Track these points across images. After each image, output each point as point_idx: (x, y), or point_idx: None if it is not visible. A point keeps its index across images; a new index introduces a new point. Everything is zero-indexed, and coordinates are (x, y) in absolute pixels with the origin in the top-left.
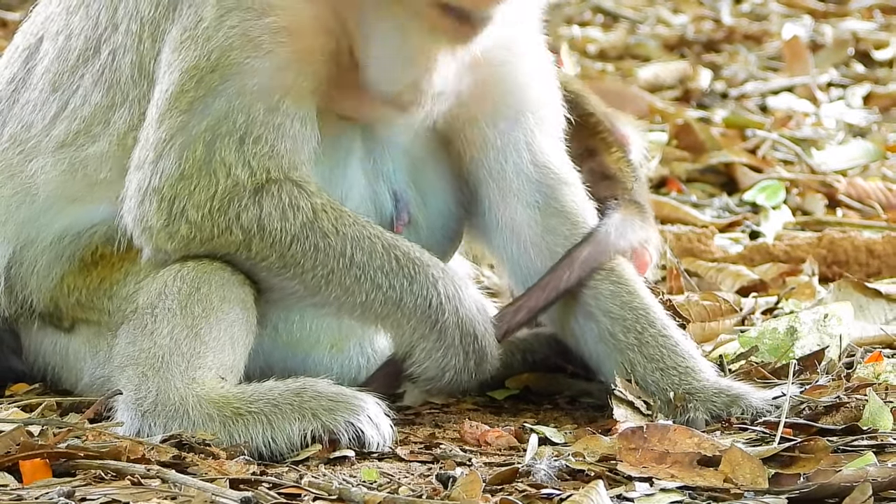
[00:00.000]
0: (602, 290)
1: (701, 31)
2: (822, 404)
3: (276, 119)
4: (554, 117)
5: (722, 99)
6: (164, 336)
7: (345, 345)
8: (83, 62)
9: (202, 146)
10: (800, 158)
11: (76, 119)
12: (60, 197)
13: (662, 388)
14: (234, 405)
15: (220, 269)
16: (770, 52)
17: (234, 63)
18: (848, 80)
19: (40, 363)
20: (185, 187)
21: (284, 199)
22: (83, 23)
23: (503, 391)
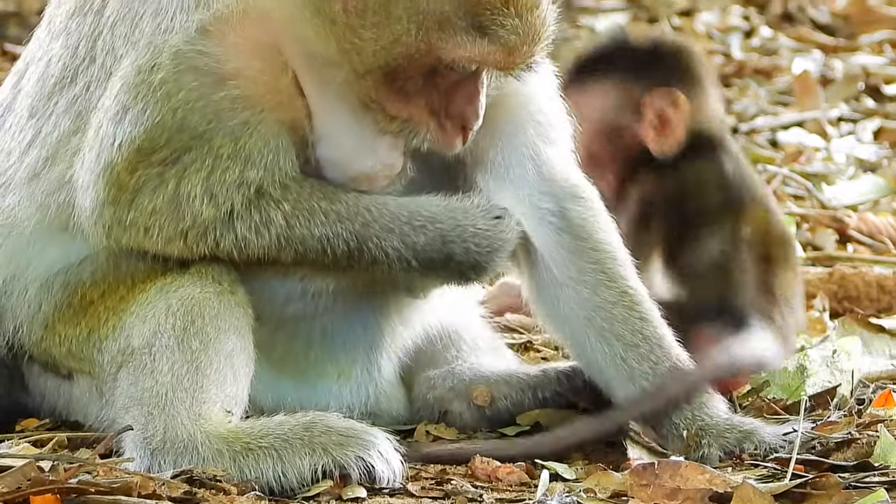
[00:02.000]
0: (615, 314)
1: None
2: (834, 440)
3: (244, 153)
4: (560, 128)
5: (732, 134)
6: (164, 374)
7: (352, 372)
8: (59, 89)
9: (173, 185)
10: (810, 193)
11: (45, 146)
12: (43, 231)
13: (675, 421)
14: (243, 440)
15: (211, 299)
16: (780, 87)
17: (198, 126)
18: (858, 115)
19: (47, 402)
20: (155, 221)
21: (255, 217)
22: (62, 50)
23: (514, 427)
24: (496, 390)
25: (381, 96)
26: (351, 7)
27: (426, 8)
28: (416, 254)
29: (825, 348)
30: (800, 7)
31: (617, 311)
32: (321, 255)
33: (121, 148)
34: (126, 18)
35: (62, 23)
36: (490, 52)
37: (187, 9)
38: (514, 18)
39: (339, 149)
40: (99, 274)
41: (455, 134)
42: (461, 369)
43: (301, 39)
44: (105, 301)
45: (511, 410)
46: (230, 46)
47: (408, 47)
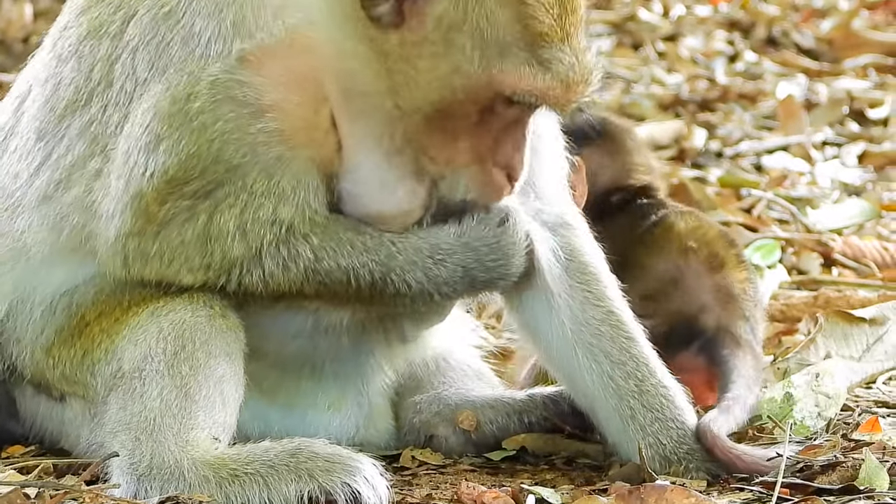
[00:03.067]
0: (603, 332)
1: (695, 90)
2: (819, 464)
3: (277, 190)
4: (557, 163)
5: (717, 158)
6: (153, 399)
7: (342, 404)
8: (71, 112)
9: (202, 221)
10: (795, 218)
11: (58, 168)
12: (53, 255)
13: (662, 441)
14: (230, 467)
15: (202, 323)
16: (765, 111)
17: (232, 159)
18: (843, 139)
19: (37, 426)
20: (181, 254)
21: (283, 253)
22: (74, 73)
23: (500, 452)
24: (482, 415)
25: (425, 136)
26: (408, 39)
27: (490, 37)
28: (438, 287)
29: (808, 372)
30: (784, 32)
31: (604, 328)
32: (345, 286)
33: (152, 178)
34: (150, 43)
35: (72, 46)
36: (550, 87)
37: (225, 36)
38: (571, 56)
39: (362, 186)
40: (97, 296)
41: (502, 182)
42: (447, 394)
43: (346, 73)
44: (100, 323)
45: (497, 435)
46: (271, 77)
47: (469, 78)
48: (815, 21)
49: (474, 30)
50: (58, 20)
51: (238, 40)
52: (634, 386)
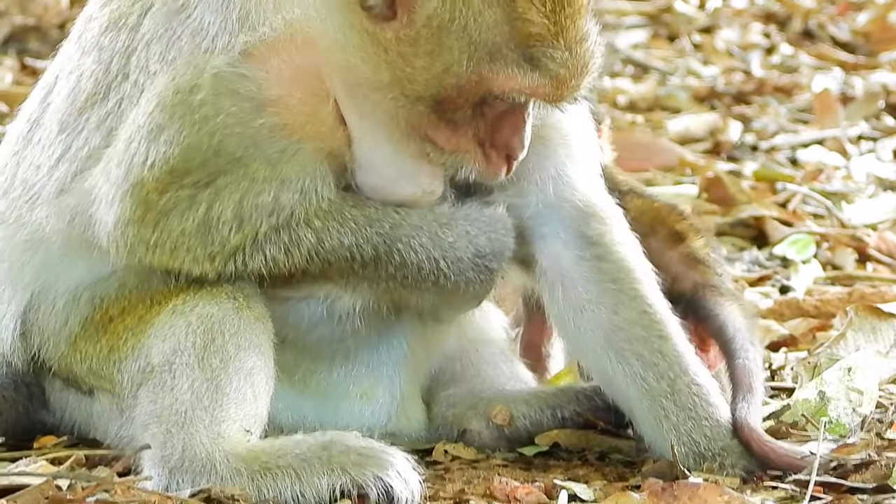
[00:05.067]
0: (634, 334)
1: (731, 82)
2: (852, 462)
3: (279, 176)
4: (587, 150)
5: (752, 151)
6: (184, 391)
7: (374, 392)
8: (90, 105)
9: (201, 209)
10: (830, 212)
11: (76, 161)
12: (72, 246)
13: (695, 438)
14: (262, 459)
15: (230, 316)
16: (800, 105)
17: (235, 151)
18: (878, 133)
19: (67, 418)
20: (183, 243)
21: (284, 238)
22: (95, 66)
23: (533, 447)
24: (515, 409)
25: (428, 125)
26: (403, 36)
27: (478, 39)
28: (444, 252)
29: (840, 367)
30: (820, 24)
31: (636, 330)
32: (349, 262)
33: (153, 168)
34: (163, 37)
35: (94, 38)
36: (539, 85)
37: (230, 30)
38: (563, 51)
39: (379, 176)
40: (120, 291)
41: (500, 163)
42: (480, 388)
43: (348, 67)
44: (124, 320)
45: (530, 430)
46: (273, 71)
47: (458, 77)
48: (852, 14)
49: (462, 30)
50: (84, 10)
51: (242, 34)
52: (667, 386)
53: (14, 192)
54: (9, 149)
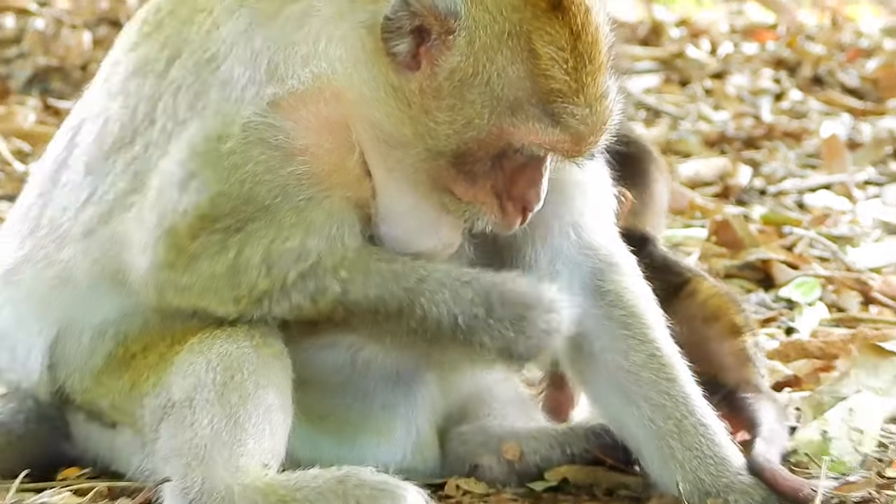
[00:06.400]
0: (643, 377)
1: (741, 127)
2: (853, 499)
3: (305, 223)
4: (603, 200)
5: (760, 195)
6: (204, 427)
7: (391, 430)
8: (117, 149)
9: (231, 254)
10: (835, 256)
11: (102, 203)
12: (97, 285)
13: (700, 476)
14: (279, 493)
15: (249, 354)
16: (809, 150)
17: (264, 199)
18: (885, 179)
19: (90, 450)
20: (212, 286)
21: (310, 286)
22: (121, 110)
23: (542, 483)
24: (526, 445)
25: (448, 178)
26: (426, 87)
27: (500, 93)
28: (463, 309)
29: (841, 408)
30: (829, 71)
31: (644, 374)
32: (373, 315)
33: (185, 214)
34: (191, 86)
35: (120, 82)
36: (559, 140)
37: (259, 82)
38: (584, 108)
39: (402, 227)
40: (143, 329)
41: (516, 215)
42: (492, 425)
43: (373, 119)
44: (146, 357)
45: (540, 465)
46: (301, 122)
47: (479, 131)
48: (861, 61)
49: (485, 84)
50: (109, 55)
51: (270, 86)
52: (674, 426)
53: (41, 232)
54: (35, 189)
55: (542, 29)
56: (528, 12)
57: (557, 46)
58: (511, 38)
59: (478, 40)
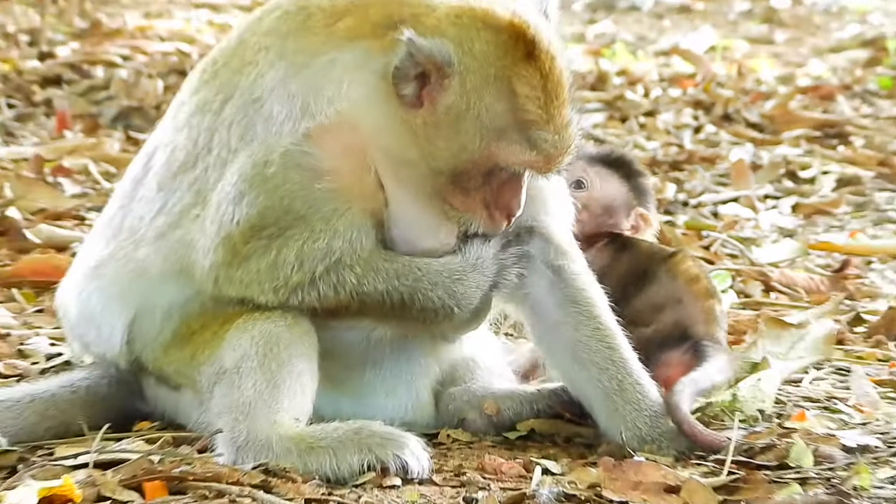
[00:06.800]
0: (591, 346)
1: (668, 154)
2: (759, 446)
3: (332, 229)
4: (560, 205)
5: (683, 207)
6: (248, 389)
7: (396, 391)
8: (182, 171)
9: (273, 254)
10: (742, 254)
11: (171, 215)
12: (166, 277)
13: (639, 426)
14: (307, 441)
15: (286, 330)
16: (720, 171)
17: (299, 211)
18: (780, 193)
19: (159, 408)
20: (257, 279)
21: (332, 280)
22: (186, 141)
23: (514, 433)
24: (502, 403)
25: (446, 192)
26: (428, 121)
27: (487, 124)
28: (458, 301)
29: (751, 380)
30: (736, 110)
31: (592, 343)
32: (382, 305)
33: (238, 224)
34: (241, 122)
35: (185, 119)
36: (535, 160)
37: (294, 118)
38: (553, 135)
39: (409, 231)
40: (201, 311)
41: (502, 220)
42: (475, 387)
43: (385, 146)
44: (203, 334)
45: (513, 419)
46: (327, 149)
47: (472, 154)
48: (760, 102)
49: (476, 118)
50: (176, 97)
51: (304, 121)
52: (616, 385)
53: (121, 236)
54: (117, 202)
55: (519, 73)
56: (508, 60)
57: (531, 86)
58: (495, 81)
59: (468, 83)
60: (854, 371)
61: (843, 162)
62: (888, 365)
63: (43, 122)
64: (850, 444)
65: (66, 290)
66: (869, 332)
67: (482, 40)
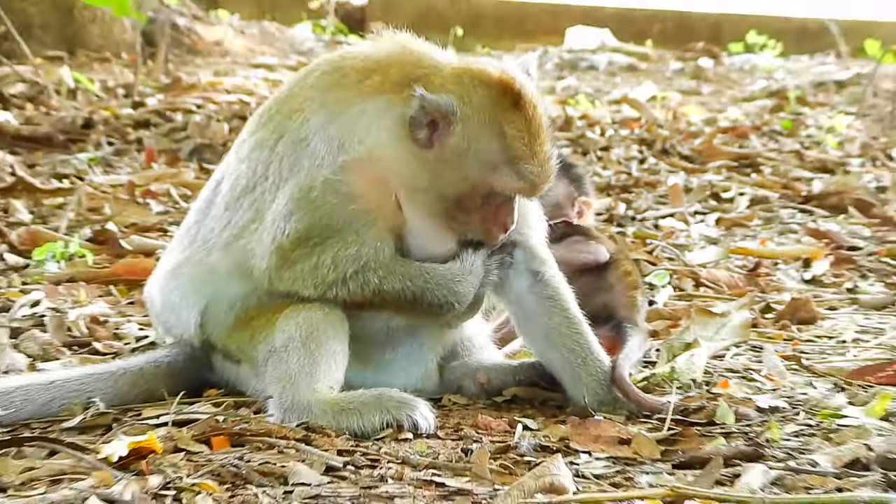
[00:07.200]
0: (561, 331)
1: (619, 180)
2: (692, 408)
3: (360, 239)
4: (536, 220)
5: (632, 221)
6: (293, 364)
7: (409, 367)
8: (244, 194)
9: (314, 259)
10: (678, 257)
11: (235, 228)
12: (228, 277)
13: (598, 392)
14: (340, 404)
15: (323, 318)
16: (660, 193)
17: (336, 226)
18: (706, 210)
19: (224, 378)
20: (301, 278)
21: (360, 279)
22: (247, 170)
23: (501, 397)
24: (491, 374)
25: (451, 212)
26: (438, 157)
27: (484, 160)
28: (458, 298)
29: (685, 356)
30: (672, 145)
31: (562, 328)
32: (398, 300)
33: (288, 236)
34: (291, 156)
35: (246, 153)
36: (522, 188)
37: (333, 153)
38: (537, 167)
39: (421, 241)
40: (258, 302)
41: (498, 234)
42: (470, 361)
43: (403, 176)
44: (259, 320)
45: (500, 387)
46: (359, 177)
47: (472, 183)
48: (690, 139)
49: (475, 155)
50: (239, 135)
51: (340, 156)
52: (580, 360)
53: (196, 244)
54: (192, 218)
55: (508, 118)
56: (499, 109)
57: (517, 129)
58: (489, 125)
59: (469, 128)
60: (765, 348)
61: (755, 186)
62: (792, 343)
63: (135, 156)
64: (763, 406)
65: (151, 286)
66: (776, 317)
67: (478, 94)
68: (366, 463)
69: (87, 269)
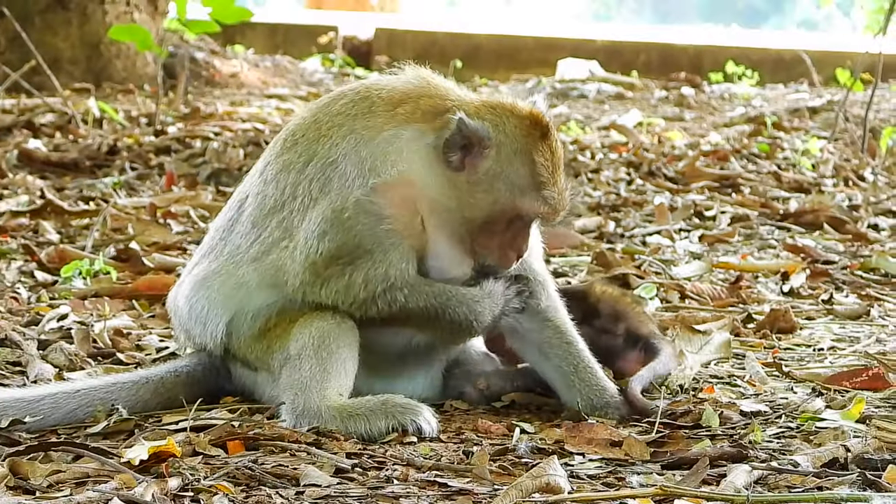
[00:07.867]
0: (551, 340)
1: (609, 199)
2: (679, 411)
3: (388, 259)
4: (537, 246)
5: (621, 237)
6: (306, 371)
7: (416, 375)
8: (272, 213)
9: (346, 277)
10: (665, 272)
11: (264, 244)
12: (256, 290)
13: (591, 398)
14: (348, 410)
15: (335, 328)
16: (647, 212)
17: (366, 246)
18: (690, 228)
19: (241, 386)
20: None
21: (388, 297)
22: (274, 190)
23: (500, 403)
24: (490, 380)
25: (474, 235)
26: (469, 181)
27: (514, 184)
28: (477, 317)
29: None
30: (657, 168)
31: (555, 340)
32: (421, 317)
33: (321, 254)
34: (321, 178)
35: (273, 175)
36: (546, 212)
37: (363, 175)
38: (559, 194)
39: (443, 262)
40: (277, 314)
41: (513, 259)
42: (471, 369)
43: (433, 198)
44: (276, 330)
45: (499, 392)
46: (387, 199)
47: (502, 206)
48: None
49: (505, 178)
50: (262, 157)
51: (370, 177)
52: (573, 369)
53: (223, 258)
54: (216, 234)
55: (537, 148)
56: (530, 138)
57: (545, 158)
58: (520, 153)
59: (501, 153)
60: (748, 356)
61: (736, 205)
62: (772, 351)
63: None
64: (747, 410)
65: (175, 296)
66: (757, 327)
67: (511, 124)
68: (373, 465)
69: (112, 285)
